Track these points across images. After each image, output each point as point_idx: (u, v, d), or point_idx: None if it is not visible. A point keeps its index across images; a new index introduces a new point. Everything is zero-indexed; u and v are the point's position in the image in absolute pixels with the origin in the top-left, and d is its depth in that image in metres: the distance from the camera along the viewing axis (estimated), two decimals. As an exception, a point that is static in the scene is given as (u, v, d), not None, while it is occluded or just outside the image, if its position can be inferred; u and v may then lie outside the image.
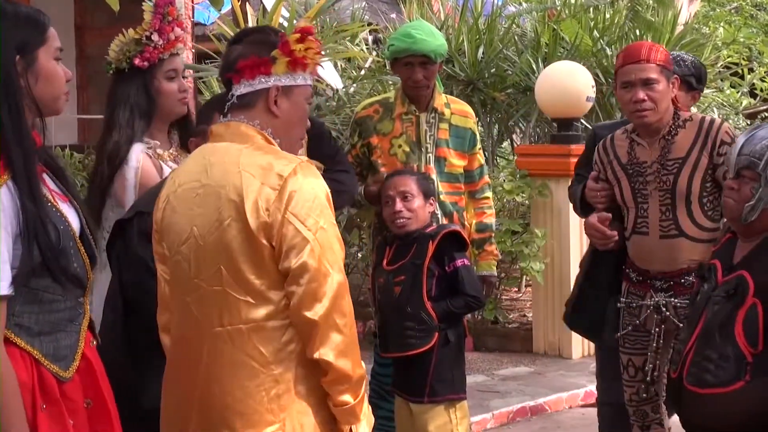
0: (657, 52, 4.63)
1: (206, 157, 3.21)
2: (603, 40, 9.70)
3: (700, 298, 3.87)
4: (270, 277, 3.07)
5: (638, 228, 4.69)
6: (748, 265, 3.75)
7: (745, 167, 3.78)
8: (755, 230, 3.79)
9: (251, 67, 3.20)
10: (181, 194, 3.22)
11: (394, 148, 5.33)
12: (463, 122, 5.47)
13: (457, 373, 4.81)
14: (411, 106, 5.36)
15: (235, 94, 3.23)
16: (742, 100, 12.35)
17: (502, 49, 9.74)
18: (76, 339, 3.02)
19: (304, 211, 3.04)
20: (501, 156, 10.66)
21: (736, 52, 12.42)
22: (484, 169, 5.59)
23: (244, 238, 3.06)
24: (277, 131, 3.23)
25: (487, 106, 9.76)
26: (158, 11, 4.43)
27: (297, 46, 3.19)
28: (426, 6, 11.33)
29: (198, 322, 3.17)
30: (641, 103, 4.57)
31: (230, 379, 3.11)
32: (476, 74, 9.58)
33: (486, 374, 8.21)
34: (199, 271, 3.15)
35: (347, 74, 10.25)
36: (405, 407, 4.81)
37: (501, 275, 9.75)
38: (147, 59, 4.41)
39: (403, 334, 4.69)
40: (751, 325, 3.64)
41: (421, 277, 4.69)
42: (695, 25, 11.57)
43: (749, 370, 3.63)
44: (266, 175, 3.07)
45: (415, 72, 5.27)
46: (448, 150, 5.40)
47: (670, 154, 4.63)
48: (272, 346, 3.08)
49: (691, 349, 3.79)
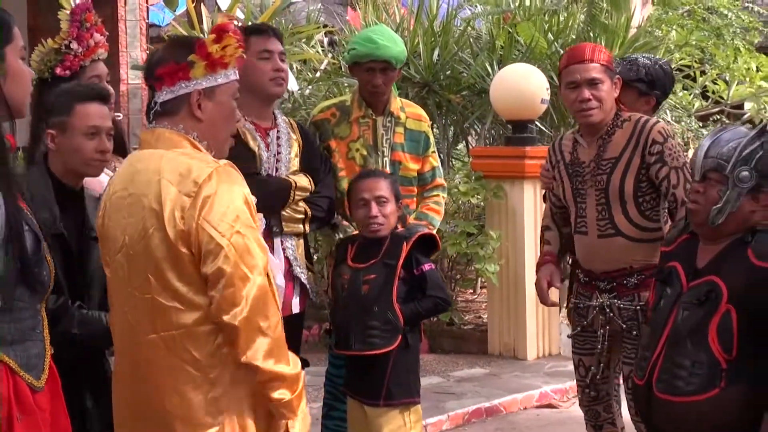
0: (600, 53, 4.69)
1: (134, 164, 3.26)
2: (558, 43, 9.75)
3: (665, 303, 3.80)
4: (195, 283, 3.10)
5: (578, 227, 4.75)
6: (716, 270, 3.68)
7: (712, 170, 3.72)
8: (722, 233, 3.73)
9: (170, 73, 3.23)
10: (114, 202, 3.26)
11: (352, 152, 5.34)
12: (417, 126, 5.48)
13: (413, 377, 4.81)
14: (368, 110, 5.37)
15: (157, 101, 3.27)
16: (694, 103, 12.45)
17: (458, 52, 9.76)
18: (42, 347, 3.01)
19: (218, 217, 3.07)
20: (456, 158, 10.68)
21: (688, 54, 12.49)
22: (436, 172, 5.58)
23: (165, 246, 3.10)
24: (203, 134, 3.27)
25: (443, 109, 9.78)
26: (75, 19, 4.40)
27: (213, 48, 3.23)
28: (381, 8, 11.35)
29: (133, 330, 3.21)
30: (587, 102, 4.62)
31: (167, 385, 3.14)
32: (431, 76, 9.60)
33: (441, 376, 8.22)
34: (131, 279, 3.19)
35: (303, 76, 10.24)
36: (359, 409, 4.80)
37: (456, 277, 9.80)
38: (68, 68, 4.38)
39: (367, 333, 4.68)
40: (725, 331, 3.56)
41: (393, 278, 4.69)
42: (648, 28, 11.64)
43: (724, 377, 3.56)
44: (183, 181, 3.10)
45: (376, 77, 5.27)
46: (403, 154, 5.41)
47: (605, 153, 4.68)
48: (205, 350, 3.12)
49: (659, 356, 3.73)
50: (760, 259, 3.56)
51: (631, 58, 5.22)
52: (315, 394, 7.12)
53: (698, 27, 12.94)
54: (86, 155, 3.85)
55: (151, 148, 3.25)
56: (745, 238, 3.66)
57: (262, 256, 3.13)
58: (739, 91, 12.97)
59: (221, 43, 3.24)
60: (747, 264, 3.59)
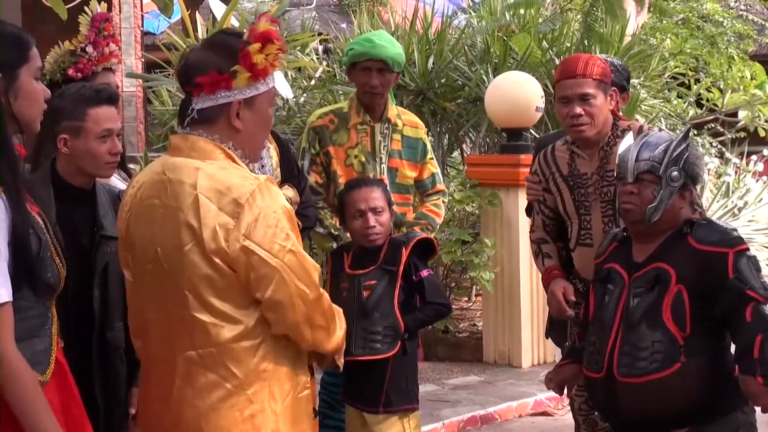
0: (594, 66, 4.64)
1: (166, 173, 3.13)
2: (552, 51, 9.76)
3: (610, 298, 4.01)
4: (236, 300, 3.04)
5: (582, 240, 4.72)
6: (659, 259, 3.94)
7: (646, 171, 3.97)
8: (657, 230, 3.98)
9: (211, 83, 3.10)
10: (143, 208, 3.16)
11: (350, 159, 5.36)
12: (414, 133, 5.51)
13: (412, 384, 4.81)
14: (366, 116, 5.39)
15: (195, 108, 3.14)
16: (688, 111, 12.46)
17: (452, 60, 9.77)
18: (49, 343, 3.04)
19: (268, 239, 3.00)
20: (451, 166, 10.69)
21: (682, 62, 12.52)
22: (436, 178, 5.61)
23: (206, 264, 3.01)
24: (239, 143, 3.16)
25: (438, 116, 9.79)
26: (94, 25, 4.44)
27: (258, 58, 3.09)
28: (376, 16, 11.36)
29: (169, 345, 3.13)
30: (578, 118, 4.61)
31: (203, 402, 3.07)
32: (426, 84, 9.61)
33: (436, 384, 8.22)
34: (165, 294, 3.10)
35: (297, 84, 10.25)
36: (358, 417, 4.79)
37: (451, 284, 9.79)
38: (80, 70, 4.41)
39: (369, 338, 4.67)
40: (678, 310, 3.84)
41: (395, 283, 4.69)
42: (643, 36, 11.66)
43: (683, 352, 3.82)
44: (223, 199, 3.01)
45: (372, 77, 5.30)
46: (400, 161, 5.43)
47: (608, 165, 4.66)
48: (244, 366, 3.06)
49: (615, 345, 3.93)
50: (701, 243, 3.89)
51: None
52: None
53: (693, 35, 12.97)
54: (100, 159, 3.86)
55: (182, 155, 3.12)
56: (683, 230, 3.97)
57: (313, 267, 3.15)
58: (733, 99, 13.00)
59: (265, 51, 3.10)
60: (690, 249, 3.90)
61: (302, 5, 14.85)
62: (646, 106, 10.24)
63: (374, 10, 13.19)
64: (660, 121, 10.63)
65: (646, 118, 10.12)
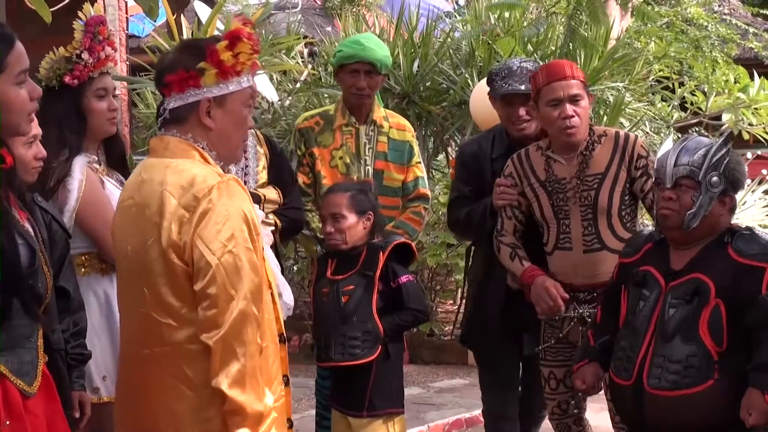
0: (577, 70, 4.72)
1: (141, 173, 3.18)
2: (537, 54, 9.78)
3: (645, 305, 3.94)
4: (189, 299, 3.01)
5: (561, 244, 4.71)
6: (698, 268, 3.87)
7: (685, 176, 3.90)
8: (695, 237, 3.92)
9: (179, 81, 3.12)
10: (122, 210, 3.20)
11: (335, 160, 5.37)
12: (401, 136, 5.52)
13: (396, 387, 4.81)
14: (351, 117, 5.40)
15: (166, 108, 3.16)
16: (673, 114, 12.49)
17: (437, 63, 9.78)
18: (35, 355, 3.01)
19: (211, 235, 2.98)
20: (436, 169, 10.69)
21: (667, 66, 12.55)
22: (419, 182, 5.60)
23: (162, 259, 3.01)
24: (213, 144, 3.16)
25: (423, 120, 9.79)
26: (89, 30, 4.42)
27: (225, 55, 3.11)
28: (361, 20, 11.36)
29: (129, 344, 3.16)
30: (571, 119, 4.61)
31: (159, 404, 3.06)
32: (411, 88, 9.62)
33: (421, 387, 8.23)
34: (130, 291, 3.13)
35: (283, 87, 10.25)
36: (343, 421, 4.80)
37: (436, 287, 9.80)
38: (77, 77, 4.40)
39: (348, 343, 4.68)
40: (715, 325, 3.78)
41: (372, 288, 4.69)
42: (627, 40, 11.69)
43: (717, 369, 3.77)
44: (184, 194, 3.01)
45: (360, 79, 5.33)
46: (386, 163, 5.44)
47: (588, 169, 4.67)
48: (199, 367, 3.01)
49: (647, 354, 3.88)
50: (743, 256, 3.80)
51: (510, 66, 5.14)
52: (295, 406, 7.12)
53: (677, 39, 12.99)
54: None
55: (159, 156, 3.15)
56: (723, 239, 3.89)
57: (253, 278, 3.01)
58: (717, 103, 13.04)
59: (234, 49, 3.11)
60: (730, 262, 3.82)
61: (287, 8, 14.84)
62: (630, 109, 10.26)
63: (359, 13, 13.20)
64: (644, 125, 10.66)
65: (630, 121, 10.14)
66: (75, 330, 3.83)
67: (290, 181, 5.08)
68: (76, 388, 3.81)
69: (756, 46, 14.07)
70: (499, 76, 5.06)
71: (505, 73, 5.05)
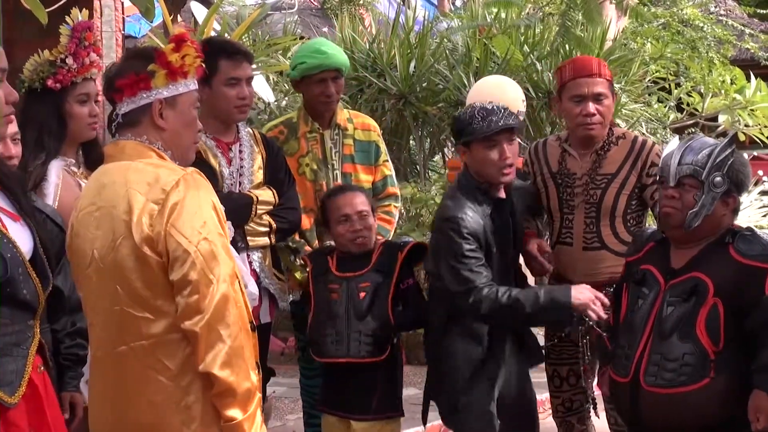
0: (605, 68, 4.72)
1: (99, 179, 3.25)
2: (533, 55, 9.78)
3: (643, 303, 3.96)
4: (163, 291, 3.08)
5: (562, 238, 4.74)
6: (697, 267, 3.89)
7: (688, 176, 3.91)
8: (696, 236, 3.93)
9: (130, 84, 3.21)
10: (81, 219, 3.23)
11: (302, 167, 5.34)
12: (366, 136, 5.49)
13: (399, 390, 4.81)
14: (314, 124, 5.38)
15: (119, 113, 3.25)
16: (669, 115, 12.50)
17: (434, 64, 9.78)
18: (23, 364, 2.99)
19: (186, 223, 3.05)
20: (433, 170, 10.70)
21: (663, 67, 12.56)
22: (388, 180, 5.56)
23: (134, 255, 3.08)
24: (167, 143, 3.26)
25: (419, 120, 9.79)
26: (75, 35, 4.43)
27: (173, 57, 3.22)
28: (357, 20, 11.36)
29: (103, 343, 3.19)
30: (592, 117, 4.62)
31: (139, 397, 3.12)
32: (408, 88, 9.62)
33: (418, 387, 8.20)
34: (100, 292, 3.16)
35: (279, 87, 10.23)
36: (340, 425, 4.76)
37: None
38: (59, 81, 4.41)
39: (364, 340, 4.66)
40: (712, 323, 3.80)
41: (389, 287, 4.69)
42: (623, 40, 11.70)
43: (713, 367, 3.78)
44: (151, 190, 3.09)
45: (329, 87, 5.30)
46: (353, 165, 5.41)
47: (600, 169, 4.68)
48: (177, 358, 3.09)
49: (644, 352, 3.90)
50: (744, 257, 3.81)
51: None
52: (291, 406, 7.12)
53: (673, 40, 13.01)
54: None
55: (116, 161, 3.24)
56: (724, 239, 3.89)
57: (228, 262, 3.12)
58: (713, 104, 13.05)
59: (180, 52, 3.23)
60: (731, 261, 3.83)
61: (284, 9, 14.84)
62: (626, 110, 10.27)
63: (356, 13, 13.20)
64: (641, 125, 10.66)
65: (626, 122, 10.15)
66: (73, 329, 3.82)
67: (287, 180, 5.07)
68: (69, 389, 3.79)
69: (752, 47, 14.09)
70: (475, 119, 4.45)
71: (482, 114, 4.46)
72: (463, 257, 4.24)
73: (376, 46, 9.89)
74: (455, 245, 4.26)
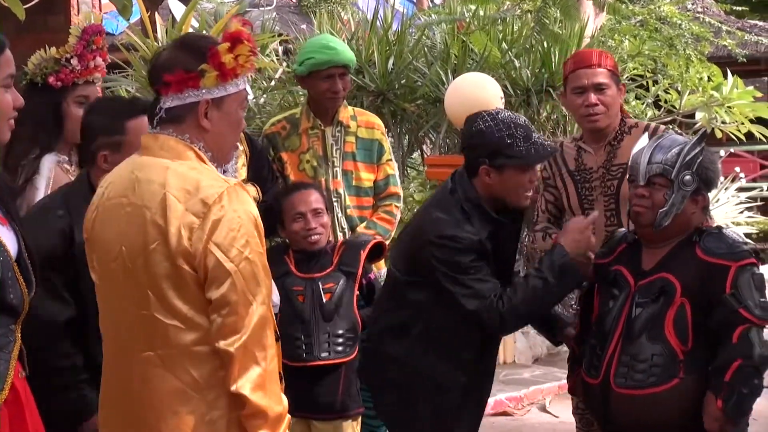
0: (607, 58, 4.72)
1: (134, 171, 3.11)
2: (511, 52, 9.80)
3: (614, 304, 3.97)
4: (196, 303, 2.99)
5: None
6: (666, 268, 3.90)
7: (658, 175, 3.92)
8: (667, 235, 3.94)
9: (178, 81, 3.07)
10: (109, 207, 3.12)
11: (303, 164, 5.35)
12: (369, 134, 5.49)
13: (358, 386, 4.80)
14: (316, 120, 5.38)
15: (162, 107, 3.11)
16: (647, 112, 12.53)
17: (412, 61, 9.78)
18: (6, 368, 2.93)
19: (227, 242, 2.96)
20: (411, 167, 10.70)
21: (641, 64, 12.57)
22: (391, 180, 5.57)
23: (169, 264, 2.97)
24: (209, 144, 3.13)
25: (398, 117, 9.79)
26: (84, 37, 4.43)
27: (227, 57, 3.08)
28: (336, 17, 11.35)
29: (127, 346, 3.09)
30: (593, 107, 4.63)
31: (162, 406, 3.02)
32: (386, 85, 9.61)
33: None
34: (127, 293, 3.06)
35: (257, 85, 10.23)
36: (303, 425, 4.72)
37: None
38: (61, 80, 4.41)
39: (333, 341, 4.65)
40: (681, 324, 3.81)
41: (353, 286, 4.70)
42: (601, 38, 11.72)
43: (682, 368, 3.80)
44: (191, 199, 2.98)
45: (336, 83, 5.31)
46: (354, 163, 5.41)
47: (615, 159, 4.71)
48: (204, 370, 3.00)
49: (614, 353, 3.90)
50: (707, 254, 3.82)
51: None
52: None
53: (651, 37, 13.04)
54: None
55: (153, 155, 3.09)
56: (692, 238, 3.90)
57: (267, 283, 3.04)
58: (691, 101, 13.08)
59: (235, 51, 3.09)
60: (696, 261, 3.84)
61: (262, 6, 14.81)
62: (604, 107, 10.28)
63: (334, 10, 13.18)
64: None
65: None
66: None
67: (270, 178, 5.08)
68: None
69: (729, 44, 14.14)
70: (516, 140, 4.05)
71: (521, 135, 4.05)
72: (469, 269, 3.98)
73: (354, 43, 9.88)
74: (458, 258, 4.00)
